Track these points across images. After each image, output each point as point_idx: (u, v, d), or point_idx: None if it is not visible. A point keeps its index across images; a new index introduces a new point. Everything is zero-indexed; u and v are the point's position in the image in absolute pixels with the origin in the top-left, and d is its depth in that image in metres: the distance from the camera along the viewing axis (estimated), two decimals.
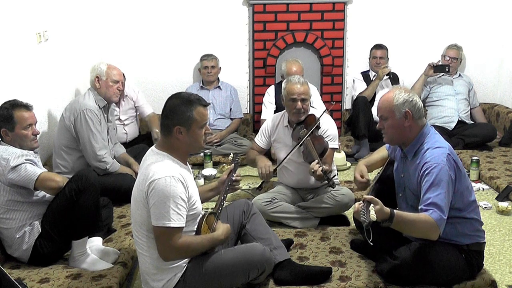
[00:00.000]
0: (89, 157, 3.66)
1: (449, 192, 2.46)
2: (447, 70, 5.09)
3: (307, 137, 3.34)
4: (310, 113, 3.50)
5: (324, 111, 3.55)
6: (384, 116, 2.65)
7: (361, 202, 2.36)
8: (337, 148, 3.63)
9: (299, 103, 3.40)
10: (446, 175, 2.45)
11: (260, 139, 3.72)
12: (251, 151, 3.76)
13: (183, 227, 2.38)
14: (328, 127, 3.52)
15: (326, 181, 3.24)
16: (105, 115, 3.82)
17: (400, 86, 2.71)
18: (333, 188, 3.37)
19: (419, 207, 2.46)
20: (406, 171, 2.69)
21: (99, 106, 3.73)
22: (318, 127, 3.45)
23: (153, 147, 2.51)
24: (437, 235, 2.42)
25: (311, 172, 3.22)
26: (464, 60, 5.38)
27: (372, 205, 2.32)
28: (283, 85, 3.50)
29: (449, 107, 5.06)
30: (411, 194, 2.67)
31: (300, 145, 3.38)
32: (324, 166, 3.19)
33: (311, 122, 3.44)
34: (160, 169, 2.34)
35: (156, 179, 2.31)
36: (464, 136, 4.89)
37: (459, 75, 5.25)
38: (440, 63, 5.13)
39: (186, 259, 2.48)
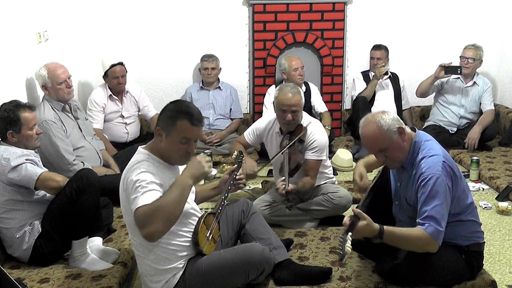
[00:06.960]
0: (60, 167, 3.52)
1: (446, 202, 2.45)
2: (459, 72, 4.80)
3: (285, 149, 3.27)
4: (301, 123, 3.39)
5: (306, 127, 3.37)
6: (383, 147, 2.54)
7: (350, 216, 2.36)
8: (324, 159, 3.46)
9: (289, 115, 3.30)
10: (442, 186, 2.43)
11: (249, 135, 3.68)
12: (237, 144, 3.68)
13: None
14: (316, 138, 3.38)
15: (287, 201, 3.21)
16: (69, 114, 3.75)
17: (365, 118, 2.61)
18: (290, 210, 3.36)
19: (417, 220, 2.45)
20: (403, 180, 2.67)
21: (56, 111, 3.62)
22: (301, 141, 3.34)
23: (140, 146, 2.50)
24: (436, 248, 2.43)
25: (275, 188, 3.20)
26: None
27: (358, 222, 2.32)
28: (276, 92, 3.40)
29: (452, 115, 4.98)
30: (406, 203, 2.66)
31: (280, 154, 3.32)
32: (291, 185, 3.12)
33: (299, 133, 3.36)
34: (136, 168, 2.32)
35: (129, 176, 2.30)
36: (464, 135, 4.85)
37: (474, 82, 4.93)
38: (452, 64, 4.83)
39: (183, 260, 2.46)
